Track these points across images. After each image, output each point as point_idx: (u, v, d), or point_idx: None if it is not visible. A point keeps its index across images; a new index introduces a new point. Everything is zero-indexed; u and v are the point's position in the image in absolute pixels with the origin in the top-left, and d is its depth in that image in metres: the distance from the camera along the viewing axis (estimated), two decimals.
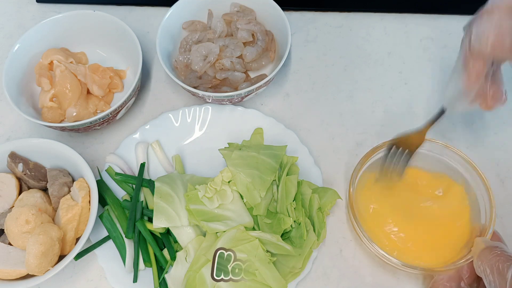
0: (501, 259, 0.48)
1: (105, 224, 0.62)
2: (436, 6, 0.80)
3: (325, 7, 0.81)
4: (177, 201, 0.59)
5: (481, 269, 0.50)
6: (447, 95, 0.57)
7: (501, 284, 0.46)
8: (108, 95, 0.72)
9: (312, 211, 0.61)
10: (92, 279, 0.62)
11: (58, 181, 0.62)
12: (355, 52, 0.77)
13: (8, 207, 0.62)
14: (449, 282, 0.55)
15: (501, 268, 0.47)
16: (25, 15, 0.83)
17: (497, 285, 0.47)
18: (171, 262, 0.59)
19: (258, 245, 0.55)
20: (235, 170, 0.58)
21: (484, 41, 0.49)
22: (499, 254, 0.49)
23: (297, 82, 0.75)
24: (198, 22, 0.74)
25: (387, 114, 0.72)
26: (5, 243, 0.59)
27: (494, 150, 0.69)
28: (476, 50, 0.50)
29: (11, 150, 0.63)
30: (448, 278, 0.55)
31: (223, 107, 0.70)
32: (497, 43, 0.48)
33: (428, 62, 0.76)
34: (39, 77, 0.69)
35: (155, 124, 0.69)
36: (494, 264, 0.48)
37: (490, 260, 0.49)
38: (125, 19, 0.73)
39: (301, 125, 0.71)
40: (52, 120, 0.69)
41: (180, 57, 0.71)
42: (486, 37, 0.48)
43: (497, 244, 0.51)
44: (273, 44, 0.73)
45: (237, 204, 0.58)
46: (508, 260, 0.47)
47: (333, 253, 0.63)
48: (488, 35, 0.48)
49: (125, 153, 0.68)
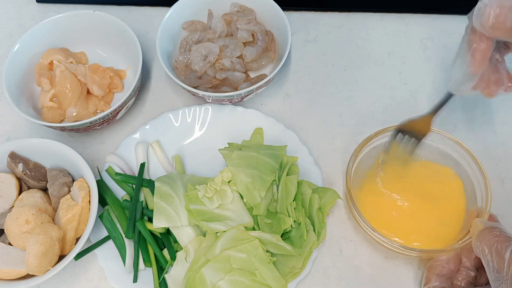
0: (500, 239, 0.48)
1: (105, 224, 0.62)
2: (436, 6, 0.80)
3: (325, 7, 0.81)
4: (177, 201, 0.59)
5: (479, 249, 0.50)
6: (452, 79, 0.57)
7: (499, 264, 0.47)
8: (108, 95, 0.72)
9: (312, 211, 0.61)
10: (92, 279, 0.62)
11: (58, 181, 0.62)
12: (355, 52, 0.77)
13: (8, 207, 0.62)
14: (447, 263, 0.55)
15: (499, 248, 0.47)
16: (25, 15, 0.83)
17: (495, 265, 0.47)
18: (171, 262, 0.59)
19: (258, 245, 0.55)
20: (235, 170, 0.58)
21: (485, 17, 0.48)
22: (498, 235, 0.49)
23: (297, 82, 0.75)
24: (198, 22, 0.74)
25: (387, 114, 0.72)
26: (5, 243, 0.59)
27: (494, 149, 0.69)
28: (478, 26, 0.50)
29: (11, 150, 0.63)
30: (447, 260, 0.55)
31: (223, 107, 0.70)
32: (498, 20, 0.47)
33: (428, 62, 0.76)
34: (39, 77, 0.69)
35: (155, 124, 0.69)
36: (492, 244, 0.48)
37: (489, 241, 0.49)
38: (125, 19, 0.73)
39: (301, 125, 0.71)
40: (52, 120, 0.69)
41: (180, 57, 0.71)
42: (487, 14, 0.48)
43: (496, 225, 0.51)
44: (273, 44, 0.73)
45: (237, 204, 0.58)
46: (507, 240, 0.48)
47: (333, 253, 0.63)
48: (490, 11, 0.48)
49: (125, 153, 0.68)
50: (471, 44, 0.52)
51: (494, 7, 0.47)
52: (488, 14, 0.48)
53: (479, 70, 0.53)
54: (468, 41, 0.53)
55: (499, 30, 0.48)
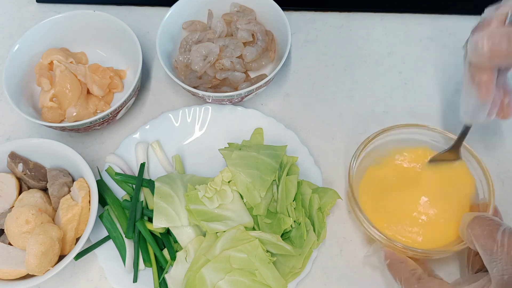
0: (490, 223, 0.49)
1: (105, 224, 0.62)
2: (436, 6, 0.80)
3: (325, 7, 0.81)
4: (177, 201, 0.59)
5: (472, 237, 0.50)
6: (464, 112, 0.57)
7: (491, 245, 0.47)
8: (108, 95, 0.72)
9: (312, 211, 0.61)
10: (92, 279, 0.62)
11: (58, 181, 0.62)
12: (355, 52, 0.77)
13: (8, 207, 0.62)
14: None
15: (491, 231, 0.48)
16: (25, 15, 0.83)
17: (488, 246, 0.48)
18: (171, 262, 0.59)
19: (258, 245, 0.55)
20: (235, 170, 0.58)
21: (480, 50, 0.49)
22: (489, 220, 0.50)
23: (297, 82, 0.75)
24: (198, 22, 0.74)
25: (387, 114, 0.72)
26: (5, 243, 0.59)
27: (494, 150, 0.69)
28: (476, 61, 0.51)
29: (11, 150, 0.63)
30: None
31: (223, 107, 0.70)
32: (493, 49, 0.48)
33: (428, 62, 0.76)
34: (39, 77, 0.69)
35: (155, 124, 0.69)
36: (484, 228, 0.49)
37: (480, 226, 0.50)
38: (125, 19, 0.73)
39: (301, 125, 0.71)
40: (52, 120, 0.69)
41: (180, 57, 0.71)
42: (481, 46, 0.49)
43: (486, 214, 0.52)
44: (273, 44, 0.73)
45: (237, 204, 0.58)
46: (498, 224, 0.49)
47: (333, 253, 0.63)
48: (482, 43, 0.49)
49: (125, 153, 0.68)
50: (474, 77, 0.53)
51: (485, 38, 0.48)
52: (481, 47, 0.49)
53: (488, 99, 0.53)
54: (470, 74, 0.53)
55: (498, 57, 0.49)
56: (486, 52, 0.49)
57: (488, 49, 0.49)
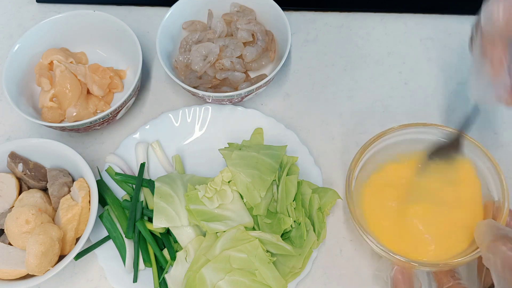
0: None
1: (105, 224, 0.62)
2: (436, 6, 0.80)
3: (325, 7, 0.81)
4: (177, 201, 0.59)
5: (491, 262, 0.48)
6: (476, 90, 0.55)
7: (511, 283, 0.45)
8: (108, 95, 0.72)
9: (312, 211, 0.61)
10: (92, 279, 0.62)
11: (58, 181, 0.62)
12: (355, 52, 0.77)
13: (8, 207, 0.62)
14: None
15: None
16: (25, 15, 0.83)
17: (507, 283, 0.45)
18: (171, 262, 0.59)
19: (258, 245, 0.55)
20: (235, 170, 0.58)
21: (496, 19, 0.47)
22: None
23: (297, 82, 0.75)
24: (198, 22, 0.74)
25: (387, 114, 0.72)
26: (5, 243, 0.59)
27: (494, 150, 0.69)
28: (490, 32, 0.49)
29: (11, 150, 0.63)
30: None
31: (223, 107, 0.70)
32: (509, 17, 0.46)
33: (428, 62, 0.76)
34: (39, 77, 0.69)
35: (155, 124, 0.69)
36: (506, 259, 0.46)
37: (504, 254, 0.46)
38: (125, 19, 0.72)
39: (301, 125, 0.71)
40: (52, 120, 0.69)
41: (180, 57, 0.71)
42: (496, 15, 0.47)
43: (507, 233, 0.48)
44: (273, 44, 0.73)
45: (237, 204, 0.58)
46: None
47: (333, 253, 0.63)
48: (498, 12, 0.47)
49: (125, 153, 0.68)
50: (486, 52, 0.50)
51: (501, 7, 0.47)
52: (497, 12, 0.47)
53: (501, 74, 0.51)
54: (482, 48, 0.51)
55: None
56: (502, 17, 0.47)
57: (504, 15, 0.46)
